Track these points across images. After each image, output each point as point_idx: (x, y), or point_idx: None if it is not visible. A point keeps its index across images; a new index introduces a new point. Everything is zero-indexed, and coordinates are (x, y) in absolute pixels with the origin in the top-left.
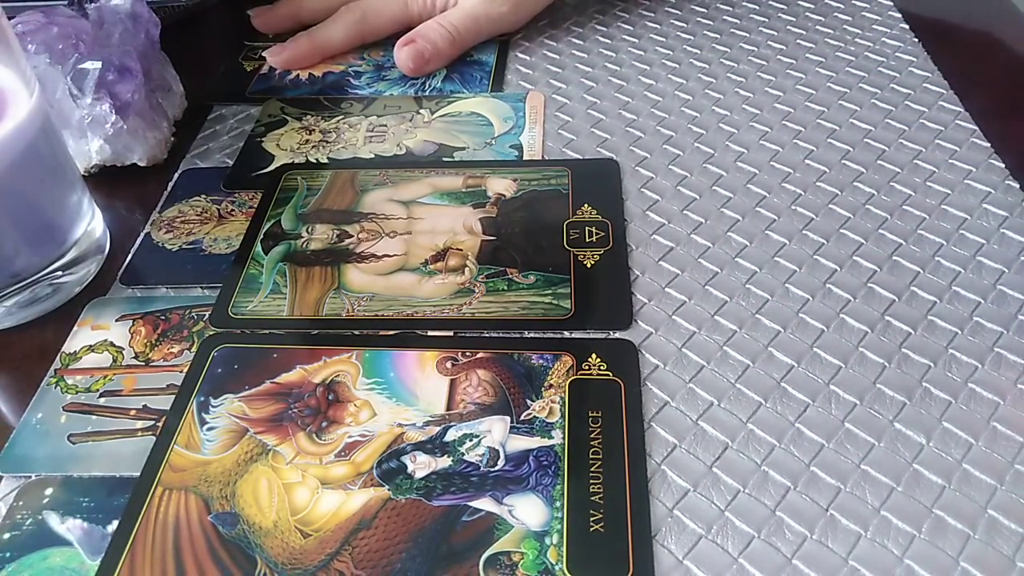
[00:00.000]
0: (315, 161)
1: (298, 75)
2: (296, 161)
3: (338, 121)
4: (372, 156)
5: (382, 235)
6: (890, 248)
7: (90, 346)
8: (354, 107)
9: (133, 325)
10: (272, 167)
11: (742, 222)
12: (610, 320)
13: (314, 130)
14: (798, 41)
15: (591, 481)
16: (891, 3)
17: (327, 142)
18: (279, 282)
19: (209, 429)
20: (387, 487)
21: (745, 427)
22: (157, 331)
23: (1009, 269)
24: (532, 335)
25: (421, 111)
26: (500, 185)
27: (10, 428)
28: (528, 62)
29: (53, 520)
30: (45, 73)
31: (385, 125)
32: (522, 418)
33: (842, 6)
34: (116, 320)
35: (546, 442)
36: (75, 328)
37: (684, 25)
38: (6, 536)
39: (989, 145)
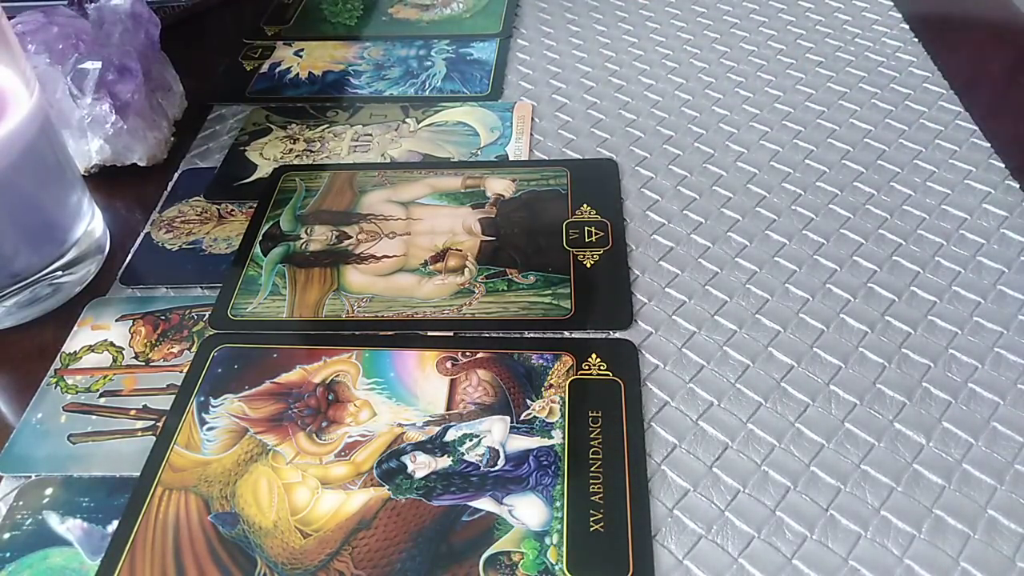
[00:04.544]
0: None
1: (298, 74)
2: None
3: (323, 130)
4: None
5: (381, 236)
6: (890, 248)
7: (90, 346)
8: (340, 116)
9: (133, 325)
10: (255, 177)
11: (742, 222)
12: (610, 320)
13: (298, 139)
14: (798, 41)
15: (591, 481)
16: (891, 3)
17: (311, 151)
18: (278, 284)
19: (209, 429)
20: (387, 487)
21: (745, 427)
22: (157, 331)
23: (1009, 269)
24: (532, 335)
25: (407, 120)
26: (499, 185)
27: (10, 428)
28: (528, 62)
29: (53, 520)
30: (45, 73)
31: (370, 135)
32: (522, 418)
33: (842, 6)
34: (116, 320)
35: (546, 442)
36: (75, 328)
37: (684, 25)
38: (6, 536)
39: (989, 145)
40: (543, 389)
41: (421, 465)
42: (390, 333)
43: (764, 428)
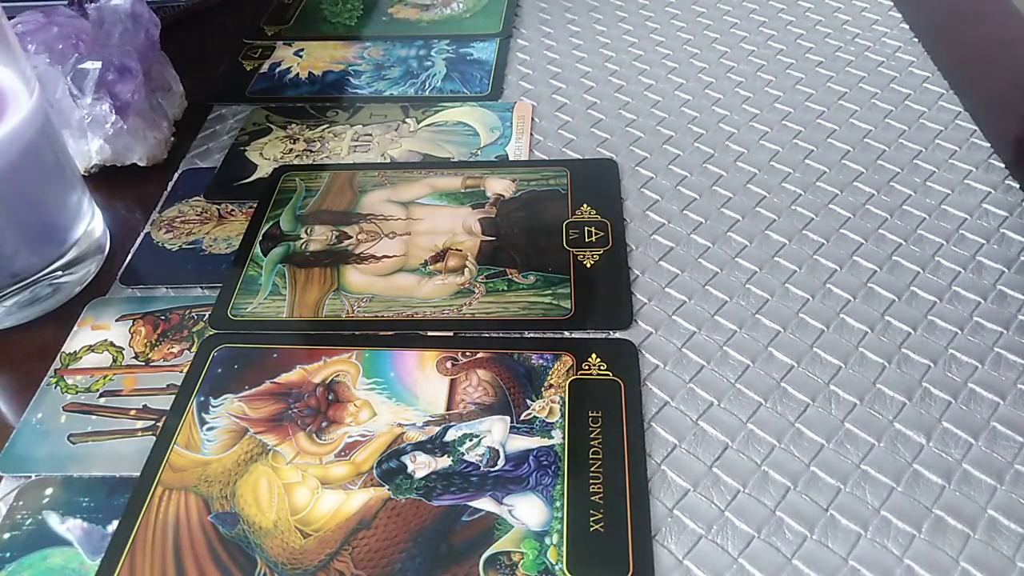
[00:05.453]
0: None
1: (298, 74)
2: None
3: (323, 130)
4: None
5: (381, 236)
6: (890, 248)
7: (90, 346)
8: (340, 116)
9: (133, 325)
10: (255, 177)
11: (742, 222)
12: (610, 320)
13: (298, 139)
14: (798, 41)
15: (591, 481)
16: (891, 3)
17: (311, 151)
18: (278, 284)
19: (209, 429)
20: (387, 487)
21: (745, 427)
22: (157, 331)
23: (1009, 269)
24: (532, 335)
25: (407, 120)
26: (499, 185)
27: (10, 428)
28: (528, 62)
29: (53, 520)
30: (45, 73)
31: (370, 135)
32: (522, 418)
33: (842, 6)
34: (116, 320)
35: (546, 442)
36: (75, 328)
37: (684, 25)
38: (6, 536)
39: (989, 145)
40: (543, 389)
41: (421, 465)
42: (390, 333)
43: (764, 428)
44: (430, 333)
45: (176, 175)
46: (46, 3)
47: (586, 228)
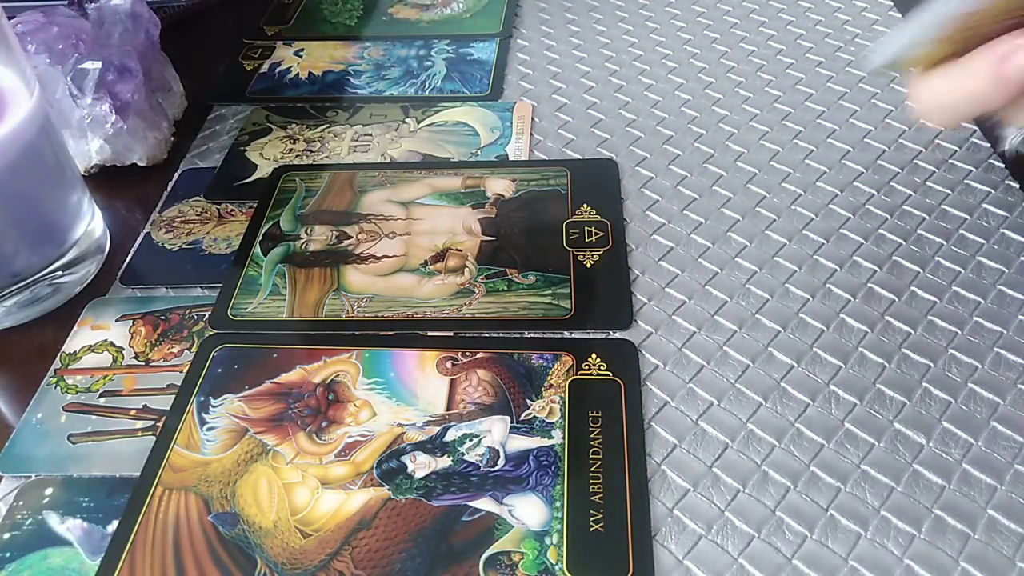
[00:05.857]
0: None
1: (298, 74)
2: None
3: (323, 130)
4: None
5: (381, 236)
6: (890, 248)
7: (90, 346)
8: (340, 116)
9: (133, 325)
10: (255, 177)
11: (742, 222)
12: (610, 320)
13: (298, 139)
14: (798, 41)
15: (591, 481)
16: (891, 3)
17: (311, 151)
18: (278, 284)
19: (209, 429)
20: (387, 487)
21: (745, 427)
22: (157, 331)
23: (1009, 269)
24: (532, 335)
25: (407, 120)
26: (499, 185)
27: (10, 428)
28: (528, 62)
29: (53, 520)
30: (45, 73)
31: (370, 134)
32: (522, 418)
33: (842, 6)
34: (116, 320)
35: (546, 442)
36: (75, 328)
37: (684, 25)
38: (6, 536)
39: (989, 145)
40: (543, 389)
41: (421, 465)
42: (390, 333)
43: (764, 428)
44: (430, 333)
45: (176, 175)
46: (46, 3)
47: (586, 228)
